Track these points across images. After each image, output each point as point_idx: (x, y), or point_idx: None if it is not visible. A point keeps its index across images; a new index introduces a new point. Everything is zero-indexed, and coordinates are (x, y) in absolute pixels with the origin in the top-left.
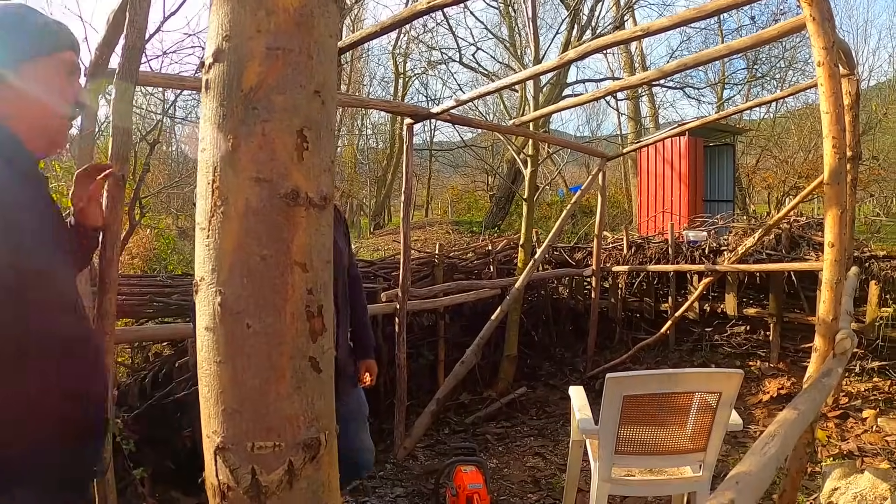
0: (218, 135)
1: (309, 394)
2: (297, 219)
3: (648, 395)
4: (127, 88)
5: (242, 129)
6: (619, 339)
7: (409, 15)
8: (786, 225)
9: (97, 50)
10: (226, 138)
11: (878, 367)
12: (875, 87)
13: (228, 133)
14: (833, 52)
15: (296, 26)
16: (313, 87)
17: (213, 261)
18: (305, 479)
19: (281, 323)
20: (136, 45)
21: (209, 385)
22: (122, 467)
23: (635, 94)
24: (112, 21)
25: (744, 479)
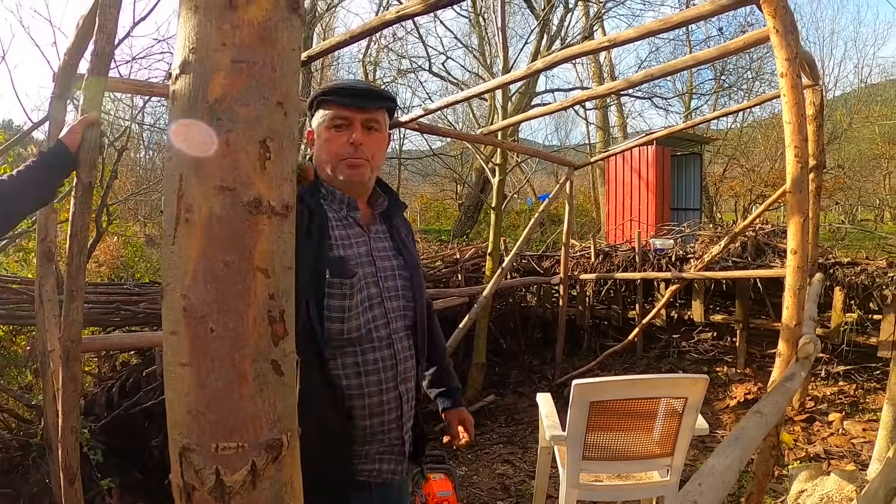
0: None
1: (271, 396)
2: (259, 226)
3: (615, 401)
4: (95, 94)
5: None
6: (587, 347)
7: (379, 24)
8: (751, 233)
9: (66, 55)
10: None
11: (844, 372)
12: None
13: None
14: (795, 64)
15: (259, 40)
16: (276, 99)
17: (178, 267)
18: (268, 479)
19: (243, 327)
20: (104, 50)
21: (174, 387)
22: (90, 478)
23: (604, 104)
24: (81, 26)
25: (706, 481)
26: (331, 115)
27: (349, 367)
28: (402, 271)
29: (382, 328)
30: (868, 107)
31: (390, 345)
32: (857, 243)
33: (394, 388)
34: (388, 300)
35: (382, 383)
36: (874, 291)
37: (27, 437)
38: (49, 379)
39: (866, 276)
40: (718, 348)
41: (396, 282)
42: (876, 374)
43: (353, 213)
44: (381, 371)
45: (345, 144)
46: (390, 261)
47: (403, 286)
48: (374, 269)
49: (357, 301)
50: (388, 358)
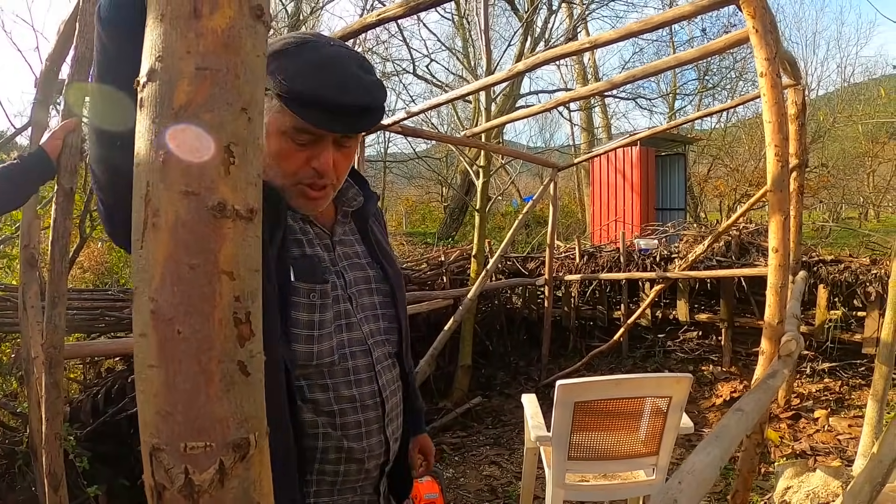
0: (150, 150)
1: (238, 396)
2: (223, 230)
3: (599, 401)
4: (77, 100)
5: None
6: (573, 347)
7: (360, 27)
8: (735, 232)
9: (48, 60)
10: (157, 153)
11: (829, 369)
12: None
13: (160, 149)
14: (775, 63)
15: (223, 47)
16: (240, 105)
17: (146, 270)
18: (236, 478)
19: (209, 328)
20: (85, 55)
21: (144, 389)
22: (76, 485)
23: (588, 105)
24: (63, 31)
25: (686, 479)
26: (295, 125)
27: (321, 404)
28: (381, 284)
29: (360, 356)
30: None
31: (372, 379)
32: (842, 241)
33: (378, 430)
34: (366, 322)
35: (363, 426)
36: (858, 289)
37: (13, 444)
38: (33, 386)
39: (850, 274)
40: (704, 347)
41: (374, 298)
42: (861, 370)
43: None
44: (361, 411)
45: (304, 166)
46: (364, 270)
47: (383, 303)
48: (343, 281)
49: (331, 316)
50: (369, 396)
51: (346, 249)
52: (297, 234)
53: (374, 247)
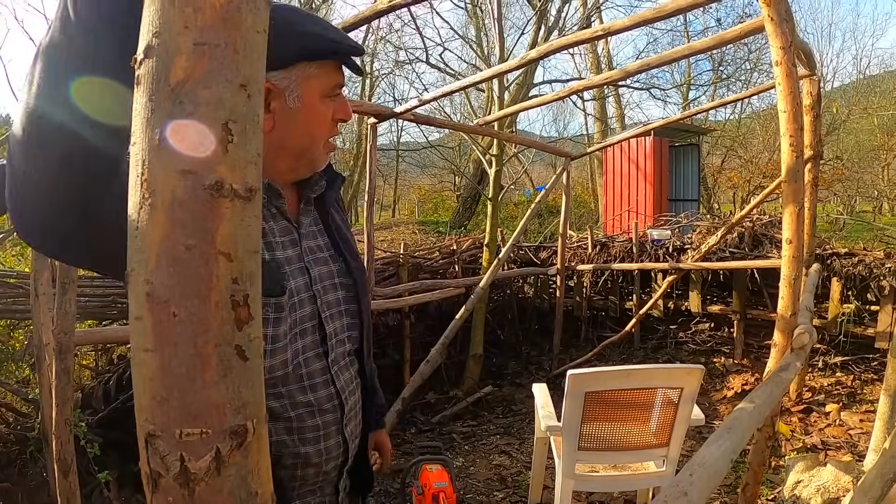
0: (146, 128)
1: (235, 381)
2: (221, 209)
3: (610, 392)
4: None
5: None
6: (584, 338)
7: (371, 14)
8: (748, 223)
9: None
10: (153, 132)
11: (841, 363)
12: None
13: (156, 126)
14: (791, 52)
15: (222, 22)
16: (239, 81)
17: (142, 251)
18: (233, 465)
19: (206, 311)
20: None
21: (140, 373)
22: (87, 471)
23: (602, 95)
24: None
25: (697, 471)
26: (336, 79)
27: (276, 412)
28: (344, 278)
29: (314, 360)
30: (867, 98)
31: (328, 382)
32: (856, 234)
33: (336, 432)
34: (329, 321)
35: (320, 429)
36: (872, 282)
37: (24, 430)
38: (45, 372)
39: (864, 267)
40: (716, 339)
41: (337, 293)
42: (873, 365)
43: (278, 202)
44: (319, 415)
45: (330, 122)
46: (328, 265)
47: (346, 298)
48: (309, 277)
49: (286, 329)
50: (325, 399)
51: (311, 243)
52: (263, 237)
53: (337, 238)
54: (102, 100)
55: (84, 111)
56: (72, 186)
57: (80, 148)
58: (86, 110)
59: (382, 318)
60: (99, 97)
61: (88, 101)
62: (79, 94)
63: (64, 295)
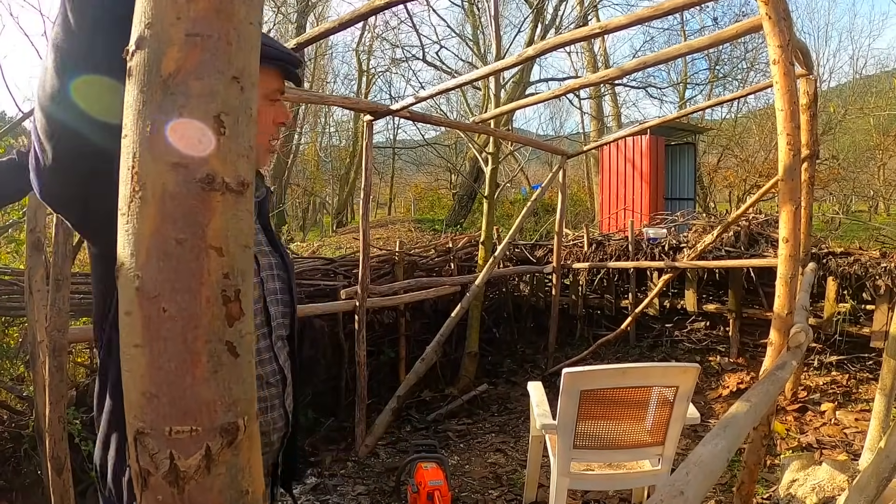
0: (137, 120)
1: (226, 378)
2: (212, 203)
3: (606, 390)
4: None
5: (160, 115)
6: (580, 336)
7: (368, 10)
8: (744, 222)
9: None
10: (144, 124)
11: (837, 362)
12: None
13: (147, 118)
14: (788, 51)
15: (215, 13)
16: (231, 73)
17: (131, 245)
18: (224, 464)
19: (196, 306)
20: None
21: (129, 369)
22: (81, 469)
23: (598, 93)
24: None
25: (694, 470)
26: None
27: None
28: (281, 271)
29: (262, 339)
30: (863, 98)
31: (272, 359)
32: (851, 234)
33: (279, 405)
34: (272, 304)
35: (266, 400)
36: (867, 282)
37: (19, 428)
38: (39, 370)
39: (860, 267)
40: (711, 338)
41: (276, 283)
42: (868, 364)
43: None
44: (265, 388)
45: (273, 124)
46: (268, 257)
47: (282, 288)
48: (257, 265)
49: None
50: (270, 374)
51: (257, 236)
52: None
53: (272, 236)
54: (101, 97)
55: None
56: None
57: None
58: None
59: (378, 315)
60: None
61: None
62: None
63: (58, 292)
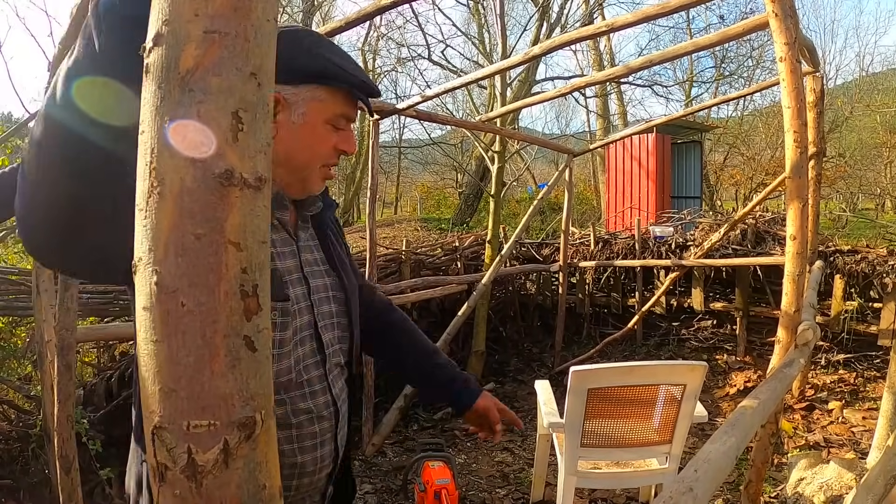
0: (155, 117)
1: (244, 373)
2: (231, 198)
3: (613, 388)
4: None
5: (179, 111)
6: (586, 335)
7: (374, 10)
8: (751, 220)
9: (60, 44)
10: (163, 120)
11: (844, 360)
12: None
13: (165, 114)
14: (795, 48)
15: (233, 10)
16: (249, 70)
17: (149, 241)
18: (241, 458)
19: (215, 301)
20: None
21: (147, 365)
22: (89, 468)
23: (604, 92)
24: (75, 15)
25: (703, 467)
26: (342, 109)
27: (281, 419)
28: (337, 292)
29: (313, 368)
30: (869, 96)
31: (326, 390)
32: (858, 232)
33: (331, 439)
34: (324, 331)
35: (318, 436)
36: (874, 279)
37: (26, 428)
38: (47, 369)
39: (867, 265)
40: (718, 336)
41: (331, 306)
42: (876, 362)
43: (281, 214)
44: (316, 422)
45: (334, 149)
46: (323, 278)
47: (338, 311)
48: (307, 288)
49: (291, 333)
50: (323, 406)
51: (308, 256)
52: None
53: (332, 254)
54: (108, 101)
55: (91, 113)
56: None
57: (90, 152)
58: (92, 112)
59: None
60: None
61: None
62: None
63: (66, 292)
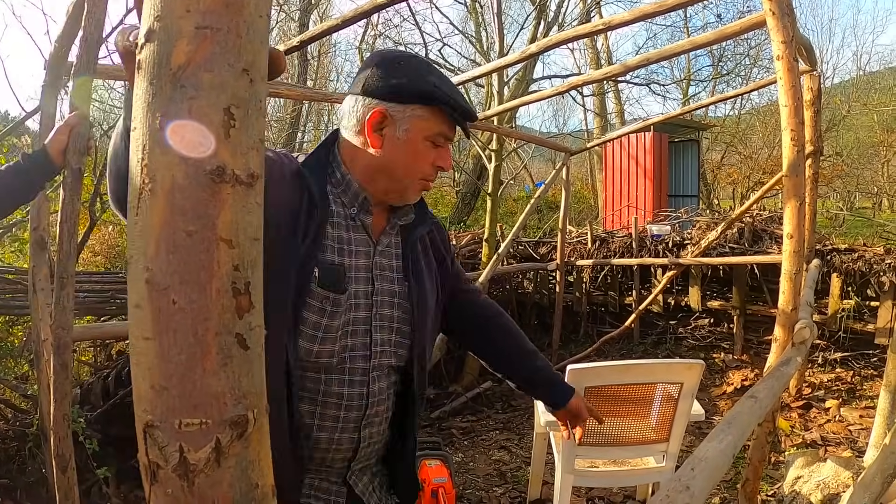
0: (147, 113)
1: (236, 371)
2: (222, 195)
3: (610, 387)
4: (85, 81)
5: (171, 107)
6: (584, 333)
7: (371, 7)
8: (748, 219)
9: (56, 42)
10: (154, 116)
11: (841, 359)
12: (839, 85)
13: (157, 111)
14: (792, 47)
15: (224, 6)
16: (241, 66)
17: (141, 238)
18: (234, 457)
19: (206, 298)
20: (93, 36)
21: (138, 362)
22: (86, 467)
23: (601, 90)
24: (71, 13)
25: (699, 465)
26: (441, 128)
27: (307, 391)
28: (404, 300)
29: (360, 360)
30: (867, 94)
31: (365, 383)
32: (855, 231)
33: (354, 429)
34: (377, 330)
35: (339, 421)
36: (872, 278)
37: (23, 427)
38: (43, 368)
39: (864, 263)
40: (715, 335)
41: (393, 311)
42: (873, 360)
43: (364, 216)
44: (343, 409)
45: (431, 165)
46: (392, 284)
47: (401, 318)
48: (371, 288)
49: (339, 323)
50: (356, 397)
51: (383, 260)
52: (339, 242)
53: (413, 264)
54: None
55: None
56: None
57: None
58: None
59: None
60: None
61: None
62: None
63: (62, 290)
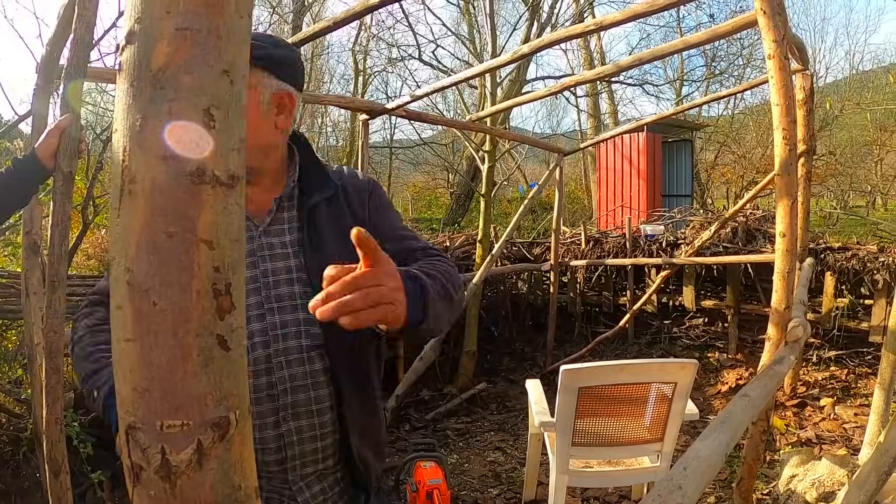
0: (128, 115)
1: (217, 372)
2: (202, 196)
3: (604, 387)
4: (75, 83)
5: (150, 109)
6: (578, 333)
7: (363, 9)
8: (742, 218)
9: (48, 45)
10: (134, 118)
11: (835, 357)
12: (832, 85)
13: (137, 113)
14: (783, 46)
15: (205, 7)
16: (221, 67)
17: (123, 239)
18: (216, 458)
19: (187, 300)
20: (84, 39)
21: (120, 364)
22: (80, 471)
23: (595, 91)
24: (62, 16)
25: (692, 465)
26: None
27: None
28: (302, 273)
29: (259, 347)
30: (859, 93)
31: (270, 370)
32: (849, 229)
33: (274, 424)
34: (274, 312)
35: (256, 418)
36: (865, 276)
37: (17, 431)
38: (37, 372)
39: (857, 261)
40: (710, 334)
41: (293, 287)
42: (867, 358)
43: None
44: (254, 402)
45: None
46: (287, 260)
47: (303, 293)
48: (257, 272)
49: None
50: (264, 387)
51: (272, 239)
52: None
53: (307, 234)
54: None
55: None
56: None
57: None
58: None
59: None
60: None
61: None
62: None
63: (53, 294)
